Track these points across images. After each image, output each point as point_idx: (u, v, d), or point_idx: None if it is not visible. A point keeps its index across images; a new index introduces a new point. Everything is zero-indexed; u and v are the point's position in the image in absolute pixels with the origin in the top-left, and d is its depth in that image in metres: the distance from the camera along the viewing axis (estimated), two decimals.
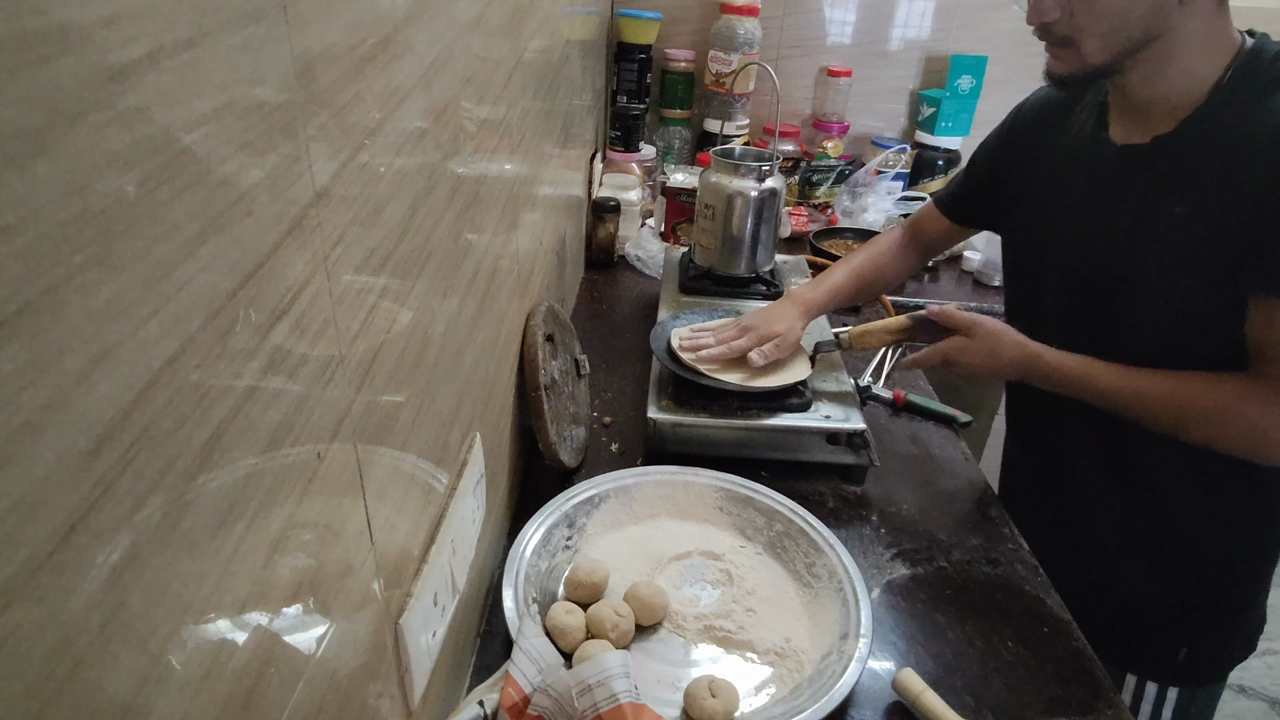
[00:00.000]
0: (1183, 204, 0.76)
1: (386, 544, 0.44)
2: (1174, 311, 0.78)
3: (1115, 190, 0.83)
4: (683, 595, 0.78)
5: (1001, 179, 0.99)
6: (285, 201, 0.31)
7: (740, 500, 0.87)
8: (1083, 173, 0.87)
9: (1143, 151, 0.80)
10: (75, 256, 0.20)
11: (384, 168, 0.41)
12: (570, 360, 1.00)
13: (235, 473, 0.28)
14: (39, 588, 0.19)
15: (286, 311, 0.31)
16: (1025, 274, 0.98)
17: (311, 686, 0.35)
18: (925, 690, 0.67)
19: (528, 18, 0.81)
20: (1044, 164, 0.92)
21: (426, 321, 0.50)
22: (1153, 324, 0.80)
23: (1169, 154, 0.78)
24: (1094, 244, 0.85)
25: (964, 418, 1.11)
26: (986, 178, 1.02)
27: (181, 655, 0.26)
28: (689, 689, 0.65)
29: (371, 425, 0.42)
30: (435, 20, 0.49)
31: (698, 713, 0.63)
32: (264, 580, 0.31)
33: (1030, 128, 0.96)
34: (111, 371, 0.22)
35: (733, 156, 1.27)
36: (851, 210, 1.82)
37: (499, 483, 0.79)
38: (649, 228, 1.62)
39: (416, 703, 0.51)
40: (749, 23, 1.79)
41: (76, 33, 0.20)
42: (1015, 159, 0.97)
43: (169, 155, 0.23)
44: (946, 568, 0.86)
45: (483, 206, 0.64)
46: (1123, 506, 0.91)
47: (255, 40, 0.28)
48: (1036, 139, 0.95)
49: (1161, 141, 0.79)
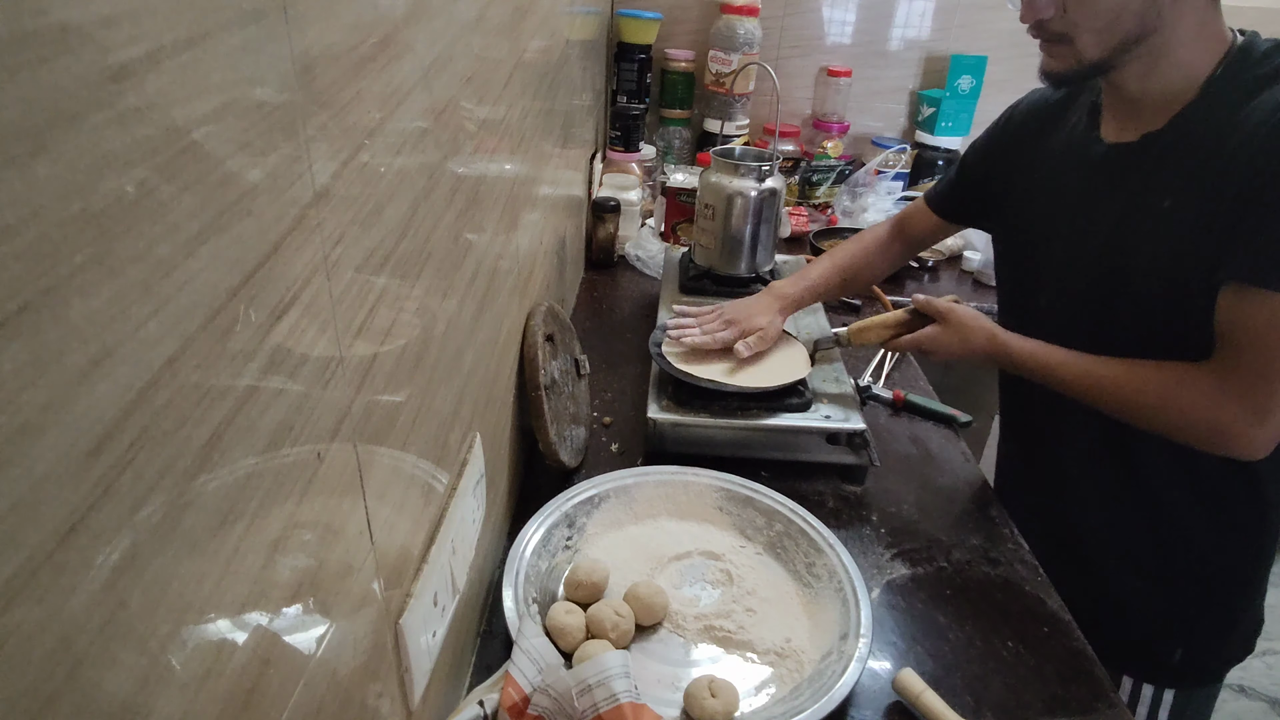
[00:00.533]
0: (1170, 199, 0.77)
1: (386, 544, 0.44)
2: (1165, 307, 0.78)
3: (1106, 188, 0.84)
4: (683, 595, 0.78)
5: (994, 177, 1.00)
6: (285, 201, 0.31)
7: (740, 500, 0.87)
8: (1075, 172, 0.87)
9: (1132, 148, 0.81)
10: (75, 256, 0.20)
11: (384, 168, 0.41)
12: (570, 360, 1.00)
13: (235, 473, 0.28)
14: (39, 588, 0.19)
15: (286, 311, 0.31)
16: (1018, 273, 0.98)
17: (311, 686, 0.35)
18: (925, 690, 0.67)
19: (528, 18, 0.81)
20: (1037, 164, 0.93)
21: (426, 321, 0.50)
22: (1145, 321, 0.80)
23: (1158, 150, 0.79)
24: (1086, 242, 0.85)
25: (964, 418, 1.11)
26: (978, 176, 1.03)
27: (181, 655, 0.26)
28: (689, 689, 0.65)
29: (371, 425, 0.42)
30: (435, 20, 0.49)
31: (698, 713, 0.63)
32: (264, 580, 0.31)
33: (1024, 128, 0.97)
34: (111, 371, 0.22)
35: (733, 156, 1.27)
36: (851, 210, 1.82)
37: (499, 483, 0.79)
38: (649, 228, 1.62)
39: (416, 703, 0.51)
40: (749, 23, 1.79)
41: (76, 33, 0.20)
42: (1009, 158, 0.98)
43: (169, 155, 0.23)
44: (946, 568, 0.86)
45: (483, 206, 0.64)
46: (1117, 506, 0.91)
47: (255, 40, 0.28)
48: (1031, 139, 0.95)
49: (1151, 138, 0.79)
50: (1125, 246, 0.81)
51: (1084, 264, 0.85)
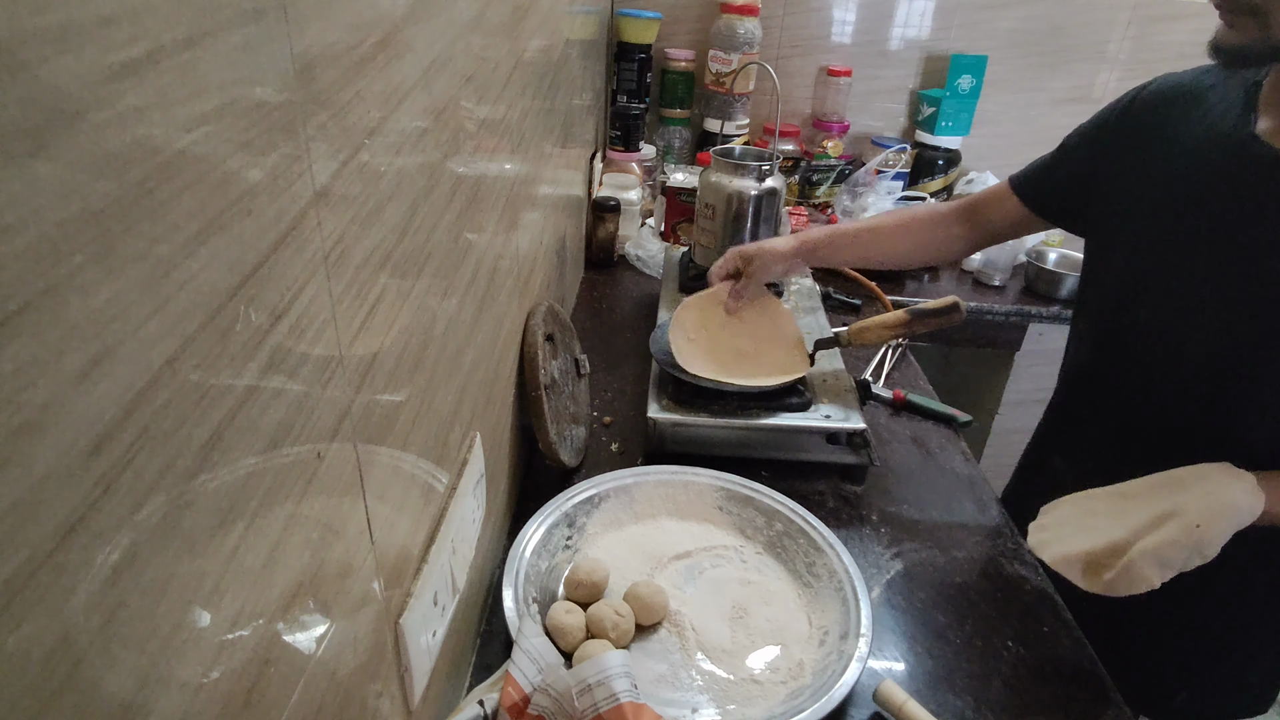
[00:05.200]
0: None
1: (386, 544, 0.44)
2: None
3: (1273, 201, 0.69)
4: (683, 595, 0.78)
5: (1103, 169, 0.85)
6: (285, 201, 0.31)
7: (740, 500, 0.87)
8: (1223, 176, 0.73)
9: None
10: (75, 256, 0.20)
11: (384, 167, 0.41)
12: (570, 360, 1.00)
13: (235, 472, 0.28)
14: (39, 588, 0.19)
15: (286, 311, 0.31)
16: (1126, 298, 0.82)
17: (311, 686, 0.35)
18: (908, 700, 0.66)
19: (528, 17, 0.81)
20: (1167, 159, 0.78)
21: (426, 321, 0.50)
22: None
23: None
24: (1234, 273, 0.71)
25: (964, 417, 1.11)
26: (1082, 164, 0.87)
27: (181, 655, 0.26)
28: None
29: (371, 425, 0.42)
30: (435, 20, 0.49)
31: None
32: (264, 580, 0.31)
33: (1150, 115, 0.81)
34: (111, 371, 0.22)
35: (733, 156, 1.27)
36: (851, 210, 1.82)
37: (499, 483, 0.79)
38: (649, 227, 1.62)
39: (416, 702, 0.51)
40: (749, 22, 1.79)
41: (76, 32, 0.20)
42: (1126, 148, 0.82)
43: (169, 155, 0.23)
44: (946, 567, 0.86)
45: (483, 206, 0.64)
46: None
47: (255, 40, 0.28)
48: (1156, 130, 0.80)
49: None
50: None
51: (1229, 301, 0.72)
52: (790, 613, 0.76)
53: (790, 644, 0.72)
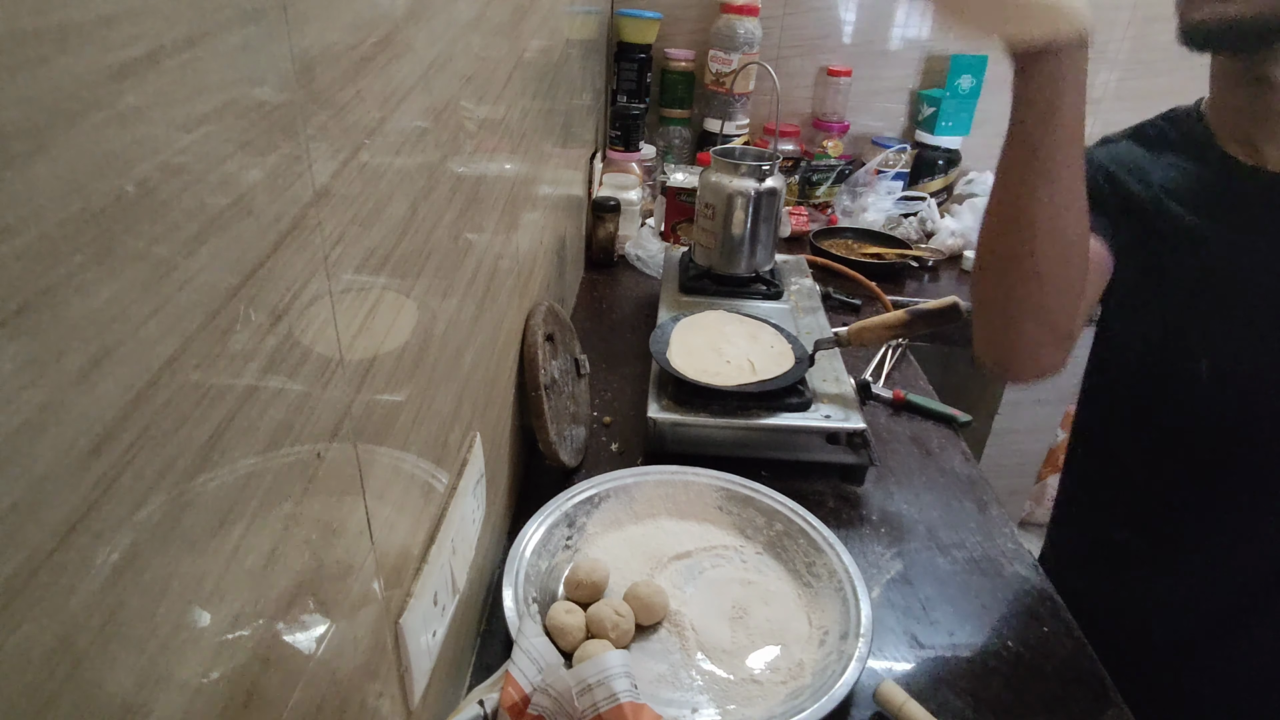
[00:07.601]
0: None
1: (386, 544, 0.44)
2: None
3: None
4: (683, 595, 0.78)
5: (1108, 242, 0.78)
6: (285, 201, 0.31)
7: (740, 500, 0.87)
8: (1228, 208, 0.70)
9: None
10: (75, 256, 0.20)
11: (384, 167, 0.41)
12: (570, 360, 1.00)
13: (235, 472, 0.28)
14: (39, 588, 0.19)
15: (286, 311, 0.31)
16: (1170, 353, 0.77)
17: (311, 686, 0.35)
18: (908, 701, 0.66)
19: (528, 17, 0.81)
20: (1157, 207, 0.75)
21: (426, 321, 0.50)
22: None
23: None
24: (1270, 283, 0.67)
25: (964, 417, 1.11)
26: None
27: (181, 655, 0.26)
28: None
29: (371, 425, 0.42)
30: (435, 20, 0.49)
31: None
32: (264, 580, 0.31)
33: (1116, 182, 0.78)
34: (111, 371, 0.22)
35: (733, 156, 1.27)
36: (851, 210, 1.83)
37: (499, 482, 0.79)
38: (649, 227, 1.62)
39: (416, 702, 0.51)
40: (749, 22, 1.79)
41: (76, 32, 0.20)
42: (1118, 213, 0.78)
43: (169, 155, 0.23)
44: (946, 568, 0.86)
45: (483, 206, 0.64)
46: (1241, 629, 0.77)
47: (255, 39, 0.28)
48: (1131, 192, 0.77)
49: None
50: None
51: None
52: (790, 613, 0.76)
53: (790, 644, 0.72)
